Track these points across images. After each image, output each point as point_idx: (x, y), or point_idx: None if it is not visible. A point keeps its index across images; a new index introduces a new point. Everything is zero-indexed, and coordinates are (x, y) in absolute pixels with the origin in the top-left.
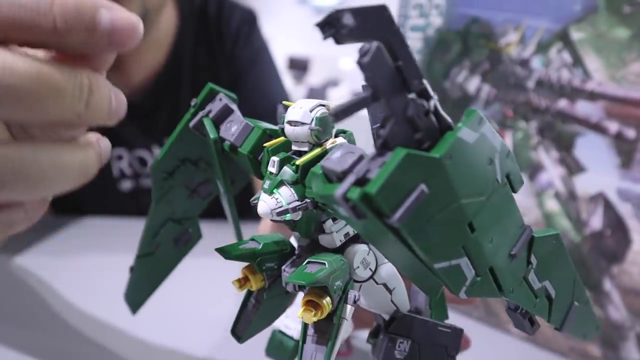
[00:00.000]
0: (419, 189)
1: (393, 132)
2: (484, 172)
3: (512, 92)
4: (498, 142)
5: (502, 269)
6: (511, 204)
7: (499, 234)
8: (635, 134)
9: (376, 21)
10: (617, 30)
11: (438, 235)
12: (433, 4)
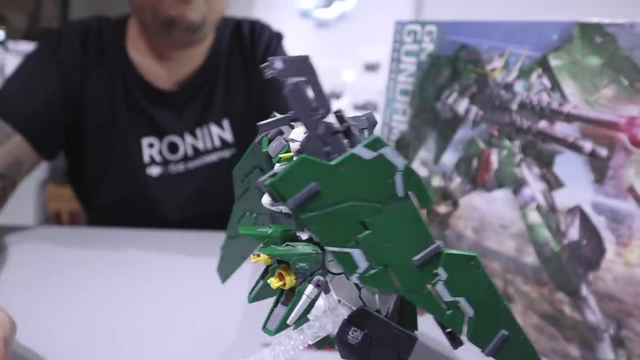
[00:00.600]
0: (312, 185)
1: (306, 144)
2: (380, 184)
3: (497, 114)
4: (401, 163)
5: (401, 271)
6: (414, 217)
7: (397, 239)
8: (607, 152)
9: (299, 66)
10: (590, 59)
11: (329, 223)
12: (425, 31)
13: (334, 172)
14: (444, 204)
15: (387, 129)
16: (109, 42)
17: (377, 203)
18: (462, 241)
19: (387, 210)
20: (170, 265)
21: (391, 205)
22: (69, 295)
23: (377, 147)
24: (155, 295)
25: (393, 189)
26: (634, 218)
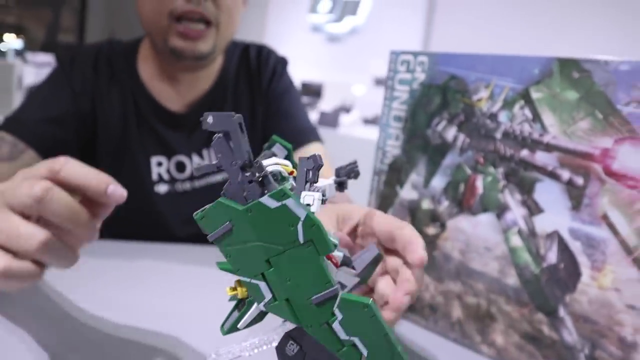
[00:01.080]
0: (226, 224)
1: (228, 188)
2: (283, 230)
3: (482, 142)
4: (302, 214)
5: (301, 306)
6: (315, 262)
7: (297, 279)
8: (582, 181)
9: (225, 121)
10: (568, 93)
11: (241, 258)
12: (418, 61)
13: (244, 215)
14: (432, 226)
15: (381, 153)
16: (119, 64)
17: (280, 246)
18: (450, 262)
19: (289, 253)
20: (177, 277)
21: (293, 250)
22: (76, 305)
23: (281, 198)
24: (163, 307)
25: (295, 236)
26: (607, 244)
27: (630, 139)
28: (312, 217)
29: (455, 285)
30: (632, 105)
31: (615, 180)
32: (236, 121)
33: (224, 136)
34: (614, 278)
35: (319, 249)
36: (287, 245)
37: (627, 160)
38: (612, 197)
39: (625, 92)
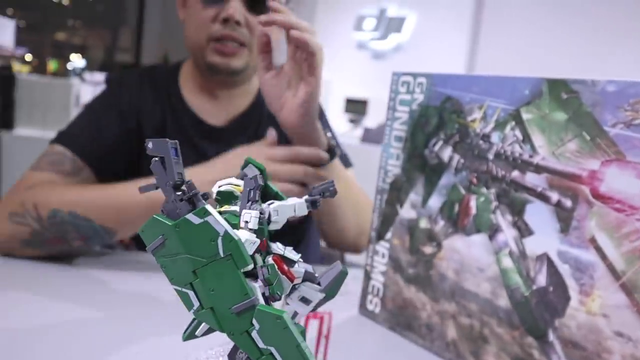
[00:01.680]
0: (161, 237)
1: (165, 206)
2: (205, 244)
3: (476, 162)
4: (221, 229)
5: (223, 315)
6: (233, 274)
7: (219, 290)
8: (571, 203)
9: (161, 146)
10: (556, 113)
11: (173, 268)
12: (417, 82)
13: (173, 230)
14: (429, 245)
15: (383, 172)
16: (162, 84)
17: (204, 258)
18: (445, 281)
19: (212, 265)
20: None
21: (215, 263)
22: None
23: (203, 215)
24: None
25: (216, 250)
26: (596, 268)
27: (617, 161)
28: (230, 233)
29: (450, 305)
30: (619, 127)
31: (602, 203)
32: (170, 147)
33: (160, 159)
34: (602, 303)
35: (237, 263)
36: (209, 258)
37: (614, 182)
38: (600, 220)
39: (611, 113)
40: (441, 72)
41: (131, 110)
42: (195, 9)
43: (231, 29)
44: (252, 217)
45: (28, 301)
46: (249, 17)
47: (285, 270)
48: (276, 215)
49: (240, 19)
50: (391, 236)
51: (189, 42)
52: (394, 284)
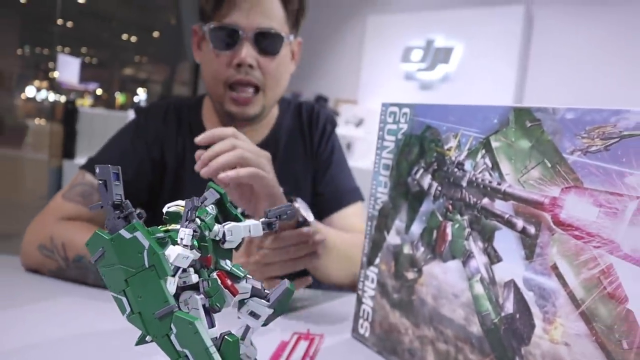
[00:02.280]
0: (101, 249)
1: (107, 222)
2: (134, 256)
3: (452, 189)
4: (147, 244)
5: (149, 320)
6: (155, 283)
7: (145, 296)
8: (534, 230)
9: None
10: (521, 141)
11: (110, 276)
12: (402, 113)
13: (109, 243)
14: (411, 271)
15: (373, 199)
16: (186, 116)
17: (133, 269)
18: (425, 306)
19: (140, 275)
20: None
21: (142, 272)
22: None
23: (132, 231)
24: None
25: (143, 261)
26: (557, 296)
27: (575, 188)
28: (153, 247)
29: (429, 330)
30: (576, 154)
31: (562, 230)
32: (110, 171)
33: (103, 183)
34: (564, 332)
35: (159, 273)
36: (138, 268)
37: (573, 209)
38: (561, 247)
39: (570, 140)
40: (423, 103)
41: (156, 141)
42: (209, 54)
43: (244, 73)
44: (185, 235)
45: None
46: (260, 60)
47: (227, 284)
48: (230, 235)
49: (252, 63)
50: (379, 261)
51: (207, 87)
52: (381, 308)
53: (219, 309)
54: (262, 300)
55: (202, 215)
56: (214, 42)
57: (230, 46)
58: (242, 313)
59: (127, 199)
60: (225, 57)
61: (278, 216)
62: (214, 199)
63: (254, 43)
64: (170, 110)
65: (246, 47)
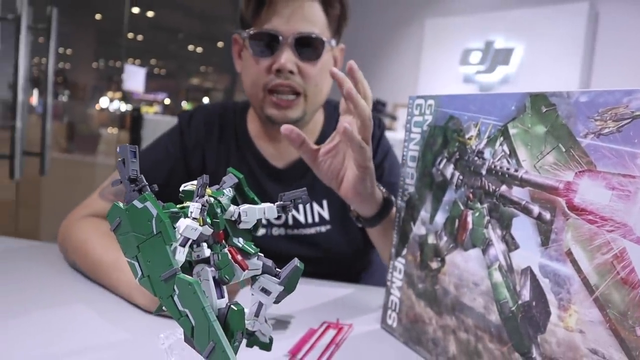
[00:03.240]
0: (118, 219)
1: (125, 196)
2: (145, 224)
3: (472, 178)
4: (155, 213)
5: (156, 282)
6: (162, 248)
7: (153, 261)
8: (550, 216)
9: (122, 150)
10: (537, 127)
11: (125, 243)
12: (427, 105)
13: (125, 213)
14: (435, 261)
15: (401, 191)
16: (230, 123)
17: (144, 235)
18: (447, 296)
19: (149, 241)
20: None
21: (150, 238)
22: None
23: (143, 201)
24: None
25: (151, 228)
26: (572, 282)
27: (589, 172)
28: (161, 215)
29: (451, 320)
30: (590, 137)
31: (577, 215)
32: (128, 149)
33: (122, 160)
34: (578, 319)
35: (165, 239)
36: (147, 235)
37: (587, 194)
38: (575, 233)
39: (583, 123)
40: (448, 94)
41: (197, 146)
42: (249, 61)
43: (284, 78)
44: (194, 208)
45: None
46: (301, 64)
47: (237, 259)
48: (245, 215)
49: (292, 69)
50: (406, 252)
51: (247, 93)
52: (407, 298)
53: (227, 280)
54: (272, 277)
55: (219, 197)
56: (254, 48)
57: (270, 52)
58: (254, 289)
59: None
60: (265, 63)
61: (293, 200)
62: (232, 182)
63: (294, 48)
64: (214, 115)
65: (286, 53)
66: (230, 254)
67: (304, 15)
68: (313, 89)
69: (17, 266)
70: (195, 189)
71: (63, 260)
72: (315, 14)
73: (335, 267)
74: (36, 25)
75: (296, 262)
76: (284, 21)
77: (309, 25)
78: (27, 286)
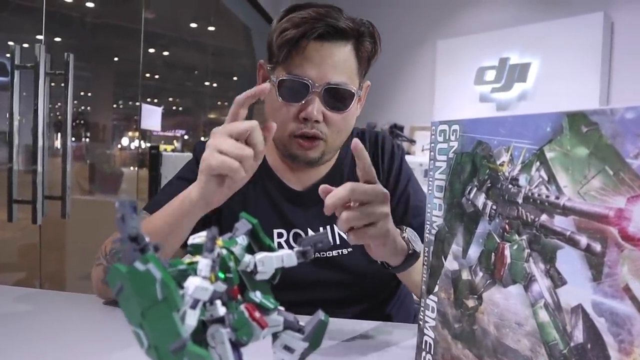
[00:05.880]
0: (119, 283)
1: (124, 256)
2: (149, 289)
3: (507, 207)
4: (159, 276)
5: (164, 353)
6: (169, 316)
7: (161, 330)
8: (600, 247)
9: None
10: (578, 149)
11: (129, 310)
12: (452, 130)
13: (126, 276)
14: (471, 298)
15: (429, 223)
16: None
17: (148, 301)
18: (487, 337)
19: (154, 308)
20: None
21: (156, 305)
22: None
23: (146, 263)
24: None
25: (156, 293)
26: (634, 322)
27: None
28: (165, 278)
29: None
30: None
31: (632, 246)
32: (128, 205)
33: (121, 217)
34: None
35: (170, 305)
36: (152, 301)
37: None
38: (632, 266)
39: (632, 143)
40: (472, 118)
41: None
42: (276, 104)
43: (310, 126)
44: (204, 265)
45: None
46: (327, 114)
47: (255, 317)
48: (262, 265)
49: (319, 118)
50: (438, 289)
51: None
52: (443, 339)
53: (245, 342)
54: (296, 333)
55: (232, 247)
56: (282, 93)
57: (298, 98)
58: (277, 347)
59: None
60: (293, 110)
61: (314, 244)
62: (246, 229)
63: (323, 98)
64: None
65: (315, 102)
66: (247, 312)
67: (334, 63)
68: (334, 135)
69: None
70: (204, 242)
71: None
72: (347, 60)
73: (360, 291)
74: (54, 71)
75: (321, 315)
76: (314, 68)
77: (340, 74)
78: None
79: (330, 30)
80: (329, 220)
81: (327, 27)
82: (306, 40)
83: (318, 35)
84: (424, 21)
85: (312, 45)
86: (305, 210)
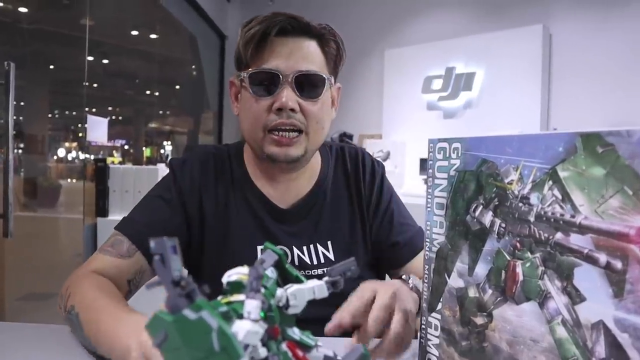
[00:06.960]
0: (162, 332)
1: (168, 301)
2: (202, 338)
3: (517, 225)
4: (215, 325)
5: None
6: None
7: None
8: (621, 265)
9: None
10: (594, 169)
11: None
12: (452, 148)
13: (172, 325)
14: (480, 316)
15: (429, 241)
16: (227, 164)
17: (202, 353)
18: (499, 354)
19: (210, 358)
20: None
21: (212, 356)
22: None
23: (197, 310)
24: None
25: (212, 344)
26: None
27: None
28: (223, 327)
29: None
30: None
31: None
32: (167, 245)
33: (160, 257)
34: None
35: (231, 357)
36: (207, 352)
37: None
38: None
39: None
40: (475, 136)
41: (192, 191)
42: (248, 101)
43: (286, 117)
44: (253, 308)
45: None
46: (302, 102)
47: (299, 356)
48: (294, 299)
49: (294, 107)
50: (441, 307)
51: (246, 134)
52: (449, 357)
53: None
54: None
55: (264, 282)
56: (253, 88)
57: (270, 91)
58: None
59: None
60: (266, 103)
61: (343, 273)
62: (272, 260)
63: (295, 86)
64: (209, 159)
65: (287, 91)
66: (291, 351)
67: (303, 54)
68: (315, 126)
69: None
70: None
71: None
72: (314, 52)
73: None
74: None
75: (361, 349)
76: (283, 60)
77: (308, 63)
78: None
79: (293, 23)
80: (312, 238)
81: (289, 21)
82: (271, 36)
83: (282, 31)
84: (372, 31)
85: (277, 40)
86: (291, 228)
